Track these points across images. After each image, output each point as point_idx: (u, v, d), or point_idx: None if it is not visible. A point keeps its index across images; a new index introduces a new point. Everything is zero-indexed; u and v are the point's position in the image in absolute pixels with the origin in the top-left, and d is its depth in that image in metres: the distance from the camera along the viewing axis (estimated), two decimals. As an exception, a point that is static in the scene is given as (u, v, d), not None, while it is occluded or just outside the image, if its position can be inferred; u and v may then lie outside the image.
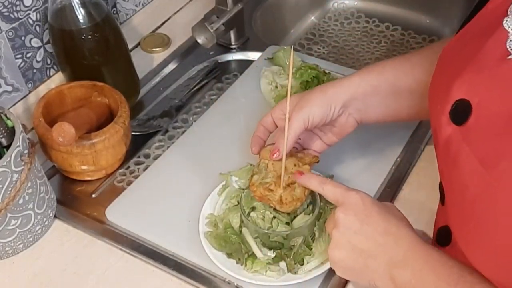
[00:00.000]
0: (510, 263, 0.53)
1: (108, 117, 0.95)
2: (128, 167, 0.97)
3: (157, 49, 1.18)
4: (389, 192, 0.88)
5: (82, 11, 0.93)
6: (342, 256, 0.67)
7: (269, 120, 0.83)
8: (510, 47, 0.55)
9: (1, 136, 0.79)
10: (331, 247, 0.68)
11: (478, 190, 0.55)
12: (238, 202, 0.82)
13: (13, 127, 0.80)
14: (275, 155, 0.77)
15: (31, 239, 0.85)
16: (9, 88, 0.99)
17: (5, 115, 0.81)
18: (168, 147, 0.99)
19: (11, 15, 0.94)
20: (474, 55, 0.58)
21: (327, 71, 1.01)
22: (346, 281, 0.78)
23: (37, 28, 0.99)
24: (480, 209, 0.55)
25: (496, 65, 0.56)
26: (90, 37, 0.95)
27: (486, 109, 0.55)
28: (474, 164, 0.55)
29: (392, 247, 0.64)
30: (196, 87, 1.11)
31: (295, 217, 0.79)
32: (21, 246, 0.84)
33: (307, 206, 0.80)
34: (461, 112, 0.57)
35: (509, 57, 0.55)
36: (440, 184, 0.65)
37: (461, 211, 0.59)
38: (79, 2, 0.92)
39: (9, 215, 0.79)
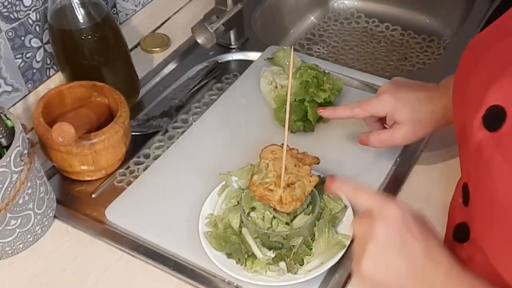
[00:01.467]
0: None
1: (108, 117, 0.95)
2: (128, 167, 0.97)
3: (157, 49, 1.18)
4: (389, 192, 0.88)
5: (82, 11, 0.93)
6: (375, 272, 0.63)
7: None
8: None
9: (0, 136, 0.79)
10: (364, 259, 0.63)
11: (510, 200, 0.54)
12: (238, 202, 0.82)
13: (12, 127, 0.80)
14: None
15: (31, 239, 0.85)
16: (9, 88, 0.99)
17: (5, 115, 0.81)
18: (168, 147, 0.99)
19: (11, 15, 0.94)
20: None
21: (327, 71, 1.01)
22: (346, 282, 0.78)
23: (37, 28, 0.99)
24: (511, 219, 0.54)
25: None
26: (90, 37, 0.95)
27: None
28: (506, 173, 0.54)
29: (430, 271, 0.61)
30: (196, 87, 1.11)
31: (295, 217, 0.79)
32: (20, 246, 0.84)
33: (307, 206, 0.80)
34: (494, 119, 0.56)
35: None
36: (465, 185, 0.64)
37: (490, 218, 0.58)
38: (78, 2, 0.92)
39: (8, 215, 0.79)
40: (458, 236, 0.67)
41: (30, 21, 0.98)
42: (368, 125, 0.89)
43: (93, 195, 0.93)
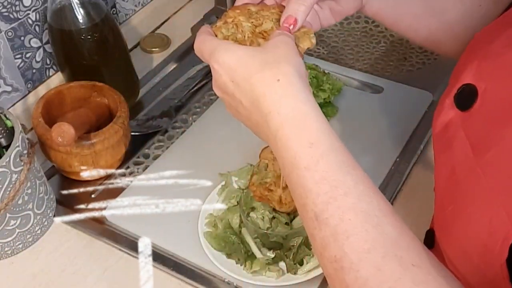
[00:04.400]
0: (475, 256, 0.50)
1: (107, 117, 0.95)
2: (128, 167, 0.97)
3: (157, 49, 1.18)
4: (389, 192, 0.88)
5: (82, 11, 0.93)
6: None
7: None
8: None
9: (0, 136, 0.79)
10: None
11: (463, 176, 0.52)
12: (237, 202, 0.82)
13: (12, 127, 0.80)
14: (291, 26, 0.65)
15: (30, 240, 0.85)
16: (9, 88, 0.99)
17: (5, 115, 0.81)
18: (167, 147, 0.99)
19: (11, 15, 0.94)
20: (492, 40, 0.55)
21: (326, 71, 1.01)
22: (346, 281, 0.78)
23: (37, 28, 0.99)
24: (461, 194, 0.52)
25: (504, 52, 0.52)
26: (89, 37, 0.95)
27: (492, 96, 0.52)
28: (466, 149, 0.52)
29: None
30: (195, 87, 1.11)
31: (294, 217, 0.79)
32: (20, 246, 0.84)
33: (307, 206, 0.80)
34: (466, 97, 0.54)
35: None
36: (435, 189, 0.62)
37: (444, 194, 0.56)
38: (78, 2, 0.92)
39: (8, 215, 0.79)
40: (427, 242, 0.66)
41: (30, 21, 0.98)
42: None
43: (92, 195, 0.93)
